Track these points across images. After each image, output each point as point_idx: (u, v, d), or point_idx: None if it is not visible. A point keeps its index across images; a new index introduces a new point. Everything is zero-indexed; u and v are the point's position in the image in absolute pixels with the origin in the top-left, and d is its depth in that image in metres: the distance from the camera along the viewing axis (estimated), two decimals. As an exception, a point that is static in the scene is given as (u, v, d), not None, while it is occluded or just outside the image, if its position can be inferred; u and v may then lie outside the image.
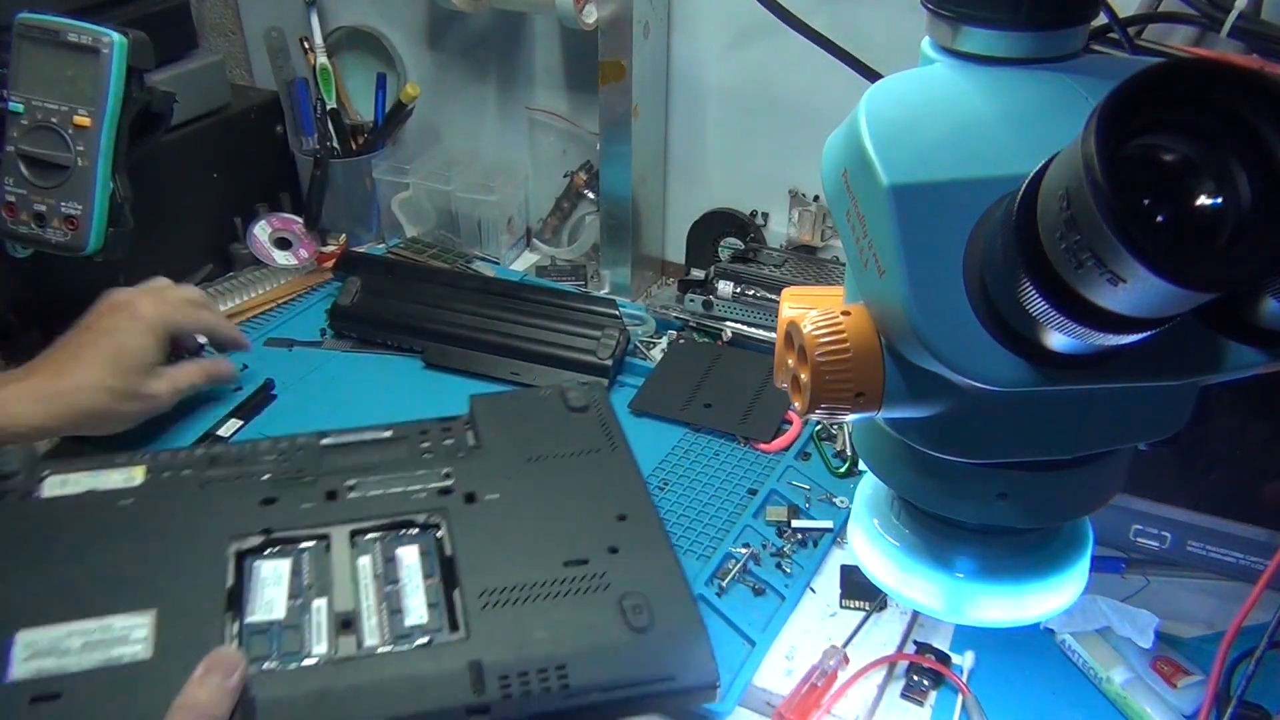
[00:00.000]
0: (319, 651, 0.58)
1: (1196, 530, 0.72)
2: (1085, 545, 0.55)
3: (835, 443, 0.89)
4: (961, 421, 0.45)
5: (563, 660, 0.57)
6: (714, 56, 1.03)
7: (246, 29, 1.30)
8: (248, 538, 0.65)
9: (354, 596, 0.62)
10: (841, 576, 0.76)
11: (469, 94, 1.20)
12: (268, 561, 0.64)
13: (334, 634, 0.60)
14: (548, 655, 0.57)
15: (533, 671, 0.57)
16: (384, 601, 0.62)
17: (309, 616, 0.61)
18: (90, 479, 0.70)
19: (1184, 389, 0.46)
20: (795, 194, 1.06)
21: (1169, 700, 0.66)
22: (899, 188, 0.39)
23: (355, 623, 0.60)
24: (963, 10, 0.44)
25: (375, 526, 0.67)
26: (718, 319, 1.03)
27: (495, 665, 0.57)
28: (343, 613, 0.61)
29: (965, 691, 0.67)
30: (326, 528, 0.66)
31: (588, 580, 0.62)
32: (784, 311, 0.49)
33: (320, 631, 0.60)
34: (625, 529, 0.66)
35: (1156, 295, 0.32)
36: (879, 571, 0.56)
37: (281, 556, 0.65)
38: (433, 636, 0.59)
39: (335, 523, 0.67)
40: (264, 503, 0.68)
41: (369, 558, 0.65)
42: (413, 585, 0.63)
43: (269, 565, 0.64)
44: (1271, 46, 0.65)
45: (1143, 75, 0.31)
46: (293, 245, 1.16)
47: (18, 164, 0.85)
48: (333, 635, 0.60)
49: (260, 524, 0.66)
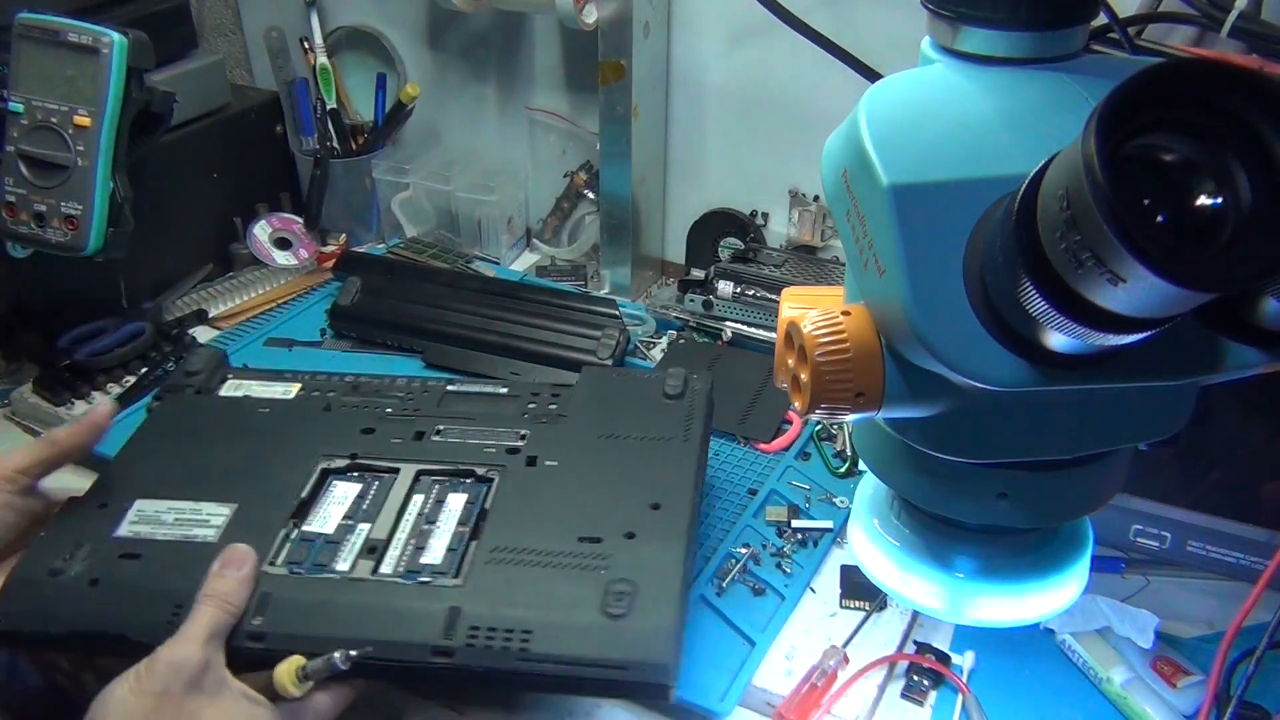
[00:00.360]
0: (340, 569, 0.64)
1: (1196, 530, 0.72)
2: (1085, 545, 0.55)
3: (835, 443, 0.89)
4: (961, 421, 0.45)
5: (531, 626, 0.59)
6: (714, 56, 1.03)
7: (246, 29, 1.30)
8: (336, 459, 0.72)
9: (391, 527, 0.67)
10: (841, 576, 0.76)
11: (469, 94, 1.20)
12: (342, 483, 0.71)
13: (359, 556, 0.65)
14: (520, 618, 0.60)
15: (501, 630, 0.59)
16: (414, 538, 0.66)
17: (350, 537, 0.67)
18: (259, 387, 0.81)
19: (1184, 389, 0.46)
20: (795, 194, 1.06)
21: (1169, 700, 0.66)
22: (899, 188, 0.39)
23: (380, 550, 0.65)
24: (963, 10, 0.44)
25: (440, 470, 0.72)
26: (718, 319, 1.03)
27: (471, 615, 0.60)
28: (375, 540, 0.66)
29: (965, 691, 0.67)
30: (401, 463, 0.72)
31: (591, 559, 0.63)
32: (784, 311, 0.49)
33: (351, 552, 0.66)
34: (652, 518, 0.66)
35: (1156, 295, 0.32)
36: (879, 571, 0.56)
37: (355, 481, 0.71)
38: (435, 578, 0.63)
39: (410, 460, 0.72)
40: (364, 431, 0.75)
41: (422, 497, 0.70)
42: (444, 529, 0.67)
43: (342, 486, 0.71)
44: (1271, 46, 0.65)
45: (1143, 75, 0.31)
46: (293, 245, 1.16)
47: (18, 164, 0.85)
48: (357, 557, 0.65)
49: (352, 449, 0.73)
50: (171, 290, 1.08)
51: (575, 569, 0.63)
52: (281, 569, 0.64)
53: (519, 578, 0.63)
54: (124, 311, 1.02)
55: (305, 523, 0.68)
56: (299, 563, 0.65)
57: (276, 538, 0.66)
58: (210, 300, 1.08)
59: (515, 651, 0.58)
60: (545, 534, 0.65)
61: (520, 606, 0.60)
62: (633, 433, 0.74)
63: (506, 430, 0.75)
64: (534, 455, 0.72)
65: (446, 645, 0.59)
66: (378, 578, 0.64)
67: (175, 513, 0.68)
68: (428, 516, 0.68)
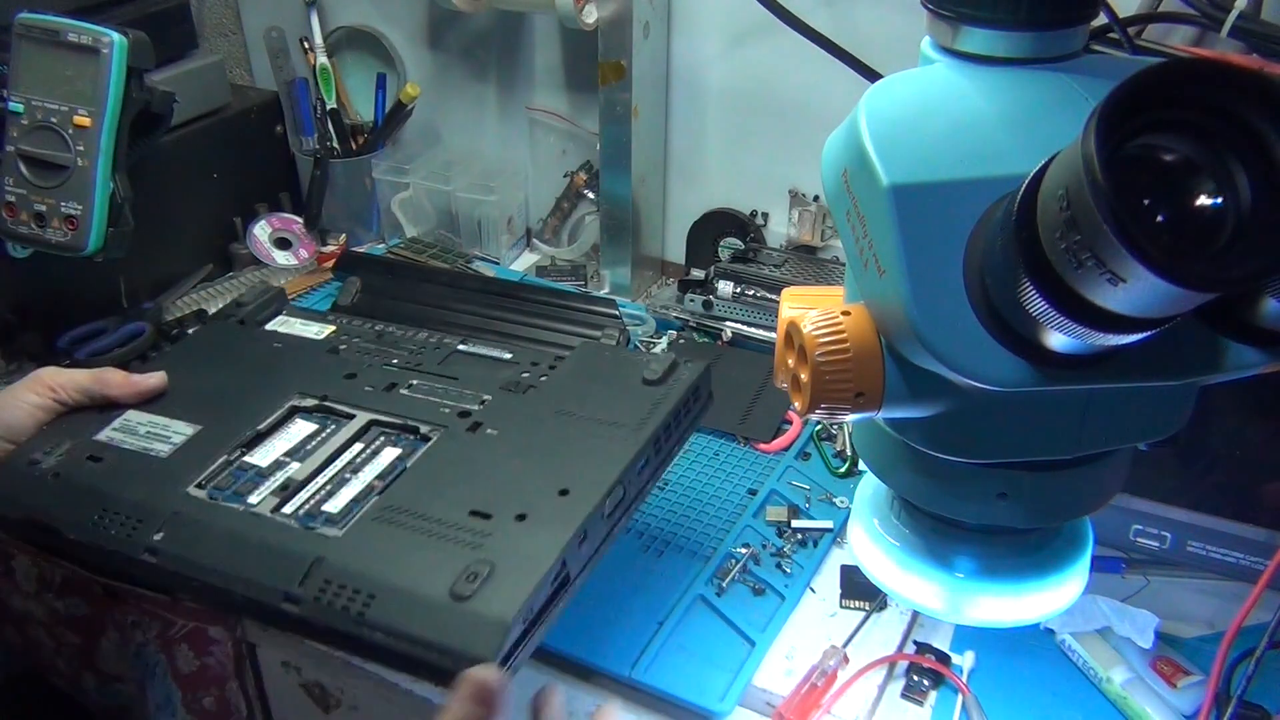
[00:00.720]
0: (251, 502, 0.65)
1: (1196, 530, 0.72)
2: (1085, 545, 0.55)
3: (835, 443, 0.89)
4: (961, 421, 0.45)
5: (376, 592, 0.57)
6: (714, 56, 1.03)
7: (246, 29, 1.30)
8: (308, 399, 0.74)
9: (314, 471, 0.68)
10: (841, 576, 0.76)
11: (469, 94, 1.20)
12: (302, 421, 0.73)
13: (273, 493, 0.66)
14: (369, 580, 0.58)
15: (349, 588, 0.58)
16: (329, 484, 0.67)
17: (277, 473, 0.68)
18: (300, 325, 0.84)
19: (1184, 389, 0.46)
20: (795, 194, 1.06)
21: (1169, 700, 0.66)
22: (899, 188, 0.39)
23: (292, 490, 0.66)
24: (963, 10, 0.44)
25: (389, 424, 0.72)
26: (718, 319, 1.03)
27: (329, 568, 0.59)
28: (292, 480, 0.67)
29: (965, 691, 0.67)
30: (359, 411, 0.73)
31: (470, 534, 0.60)
32: (784, 311, 0.49)
33: (269, 488, 0.67)
34: (553, 503, 0.62)
35: (1156, 295, 0.32)
36: (879, 571, 0.56)
37: (313, 422, 0.73)
38: (323, 526, 0.63)
39: (369, 409, 0.73)
40: (347, 376, 0.76)
41: (361, 445, 0.70)
42: (360, 481, 0.67)
43: (299, 425, 0.72)
44: (1271, 46, 0.65)
45: (1142, 75, 0.31)
46: (293, 245, 1.16)
47: (18, 164, 0.85)
48: (270, 494, 0.66)
49: (325, 390, 0.74)
50: (171, 290, 1.08)
51: (450, 541, 0.60)
52: (202, 493, 0.66)
53: (394, 541, 0.61)
54: (124, 311, 1.02)
55: (250, 453, 0.69)
56: (221, 490, 0.66)
57: (216, 462, 0.68)
58: (210, 300, 1.08)
59: (353, 614, 0.57)
60: (443, 501, 0.63)
61: (376, 569, 0.59)
62: (591, 414, 0.70)
63: (472, 394, 0.73)
64: (479, 422, 0.70)
65: (295, 593, 0.59)
66: (275, 516, 0.64)
67: (149, 427, 0.72)
68: (354, 466, 0.68)
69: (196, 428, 0.72)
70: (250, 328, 0.84)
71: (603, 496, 0.62)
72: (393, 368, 0.77)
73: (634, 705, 0.68)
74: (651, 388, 0.72)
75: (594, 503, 0.62)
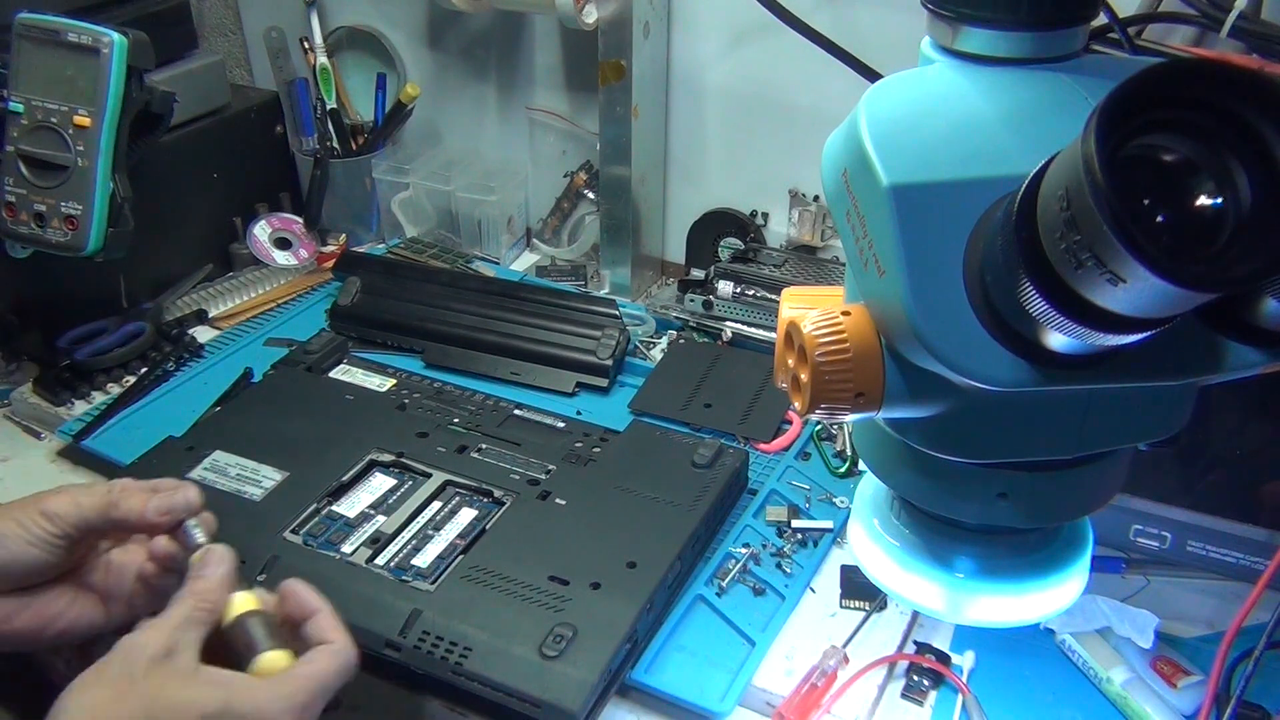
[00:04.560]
0: (344, 551, 0.71)
1: (1196, 530, 0.72)
2: (1085, 545, 0.55)
3: (835, 443, 0.89)
4: (961, 421, 0.45)
5: (473, 645, 0.64)
6: (714, 56, 1.03)
7: (246, 29, 1.30)
8: (385, 453, 0.80)
9: (401, 525, 0.73)
10: (841, 576, 0.76)
11: (469, 94, 1.20)
12: (381, 475, 0.79)
13: (364, 544, 0.72)
14: (466, 635, 0.64)
15: (447, 640, 0.64)
16: (415, 540, 0.72)
17: (365, 525, 0.73)
18: (362, 376, 0.92)
19: (1184, 389, 0.46)
20: (795, 194, 1.06)
21: (1169, 700, 0.66)
22: (899, 188, 0.39)
23: (383, 543, 0.72)
24: (963, 10, 0.44)
25: (464, 485, 0.78)
26: (718, 319, 1.03)
27: (428, 620, 0.65)
28: (382, 533, 0.73)
29: (965, 691, 0.67)
30: (435, 470, 0.79)
31: (551, 598, 0.67)
32: (784, 311, 0.49)
33: (359, 538, 0.72)
34: (623, 575, 0.69)
35: (1156, 295, 0.32)
36: (879, 571, 0.56)
37: (393, 476, 0.79)
38: (415, 579, 0.69)
39: (444, 469, 0.79)
40: (419, 435, 0.83)
41: (440, 504, 0.76)
42: (444, 539, 0.73)
43: (379, 478, 0.78)
44: (1271, 46, 0.65)
45: (1142, 75, 0.31)
46: (293, 245, 1.16)
47: (18, 164, 0.85)
48: (362, 544, 0.72)
49: (401, 448, 0.81)
50: (171, 290, 1.08)
51: (533, 604, 0.67)
52: (298, 538, 0.72)
53: (482, 598, 0.67)
54: (124, 311, 1.02)
55: (336, 503, 0.75)
56: (315, 536, 0.72)
57: (307, 510, 0.74)
58: (210, 300, 1.08)
59: (452, 664, 0.63)
60: (523, 565, 0.70)
61: (472, 625, 0.65)
62: (647, 491, 0.77)
63: (538, 462, 0.80)
64: (549, 491, 0.77)
65: (397, 641, 0.64)
66: (369, 566, 0.70)
67: (239, 468, 0.78)
68: (436, 523, 0.74)
69: (284, 474, 0.77)
70: (316, 375, 0.91)
71: (666, 570, 0.70)
72: (458, 428, 0.84)
73: (634, 705, 0.68)
74: (700, 471, 0.79)
75: (659, 576, 0.69)
